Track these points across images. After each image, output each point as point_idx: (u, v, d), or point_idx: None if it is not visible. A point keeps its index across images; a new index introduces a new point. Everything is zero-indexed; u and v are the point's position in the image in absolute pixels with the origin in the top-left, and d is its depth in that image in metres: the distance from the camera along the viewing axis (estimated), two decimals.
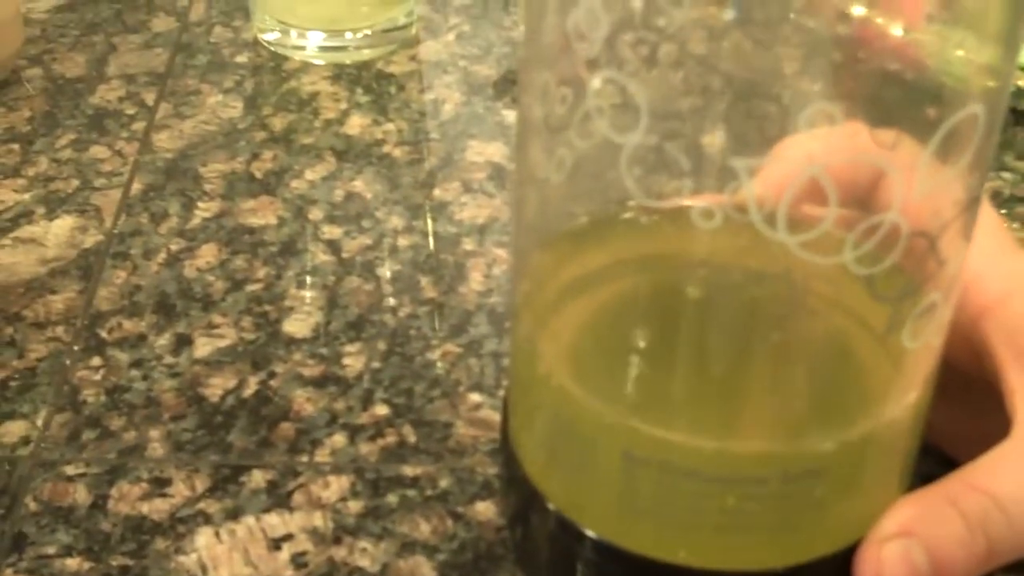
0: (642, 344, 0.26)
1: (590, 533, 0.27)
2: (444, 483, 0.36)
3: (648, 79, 0.22)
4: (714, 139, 0.23)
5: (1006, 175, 0.48)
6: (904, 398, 0.26)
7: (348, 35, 0.55)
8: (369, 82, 0.54)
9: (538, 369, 0.27)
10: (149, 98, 0.53)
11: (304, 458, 0.37)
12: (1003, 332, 0.29)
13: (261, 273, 0.44)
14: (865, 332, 0.26)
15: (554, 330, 0.28)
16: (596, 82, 0.23)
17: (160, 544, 0.34)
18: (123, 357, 0.40)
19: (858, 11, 0.23)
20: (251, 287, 0.43)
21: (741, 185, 0.22)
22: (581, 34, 0.22)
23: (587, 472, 0.27)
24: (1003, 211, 0.47)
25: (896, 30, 0.23)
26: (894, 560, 0.27)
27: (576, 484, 0.28)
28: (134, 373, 0.40)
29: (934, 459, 0.33)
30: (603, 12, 0.22)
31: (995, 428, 0.29)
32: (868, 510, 0.27)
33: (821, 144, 0.23)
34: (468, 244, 0.45)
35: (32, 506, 0.35)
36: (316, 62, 0.55)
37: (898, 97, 0.23)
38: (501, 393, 0.39)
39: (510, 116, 0.52)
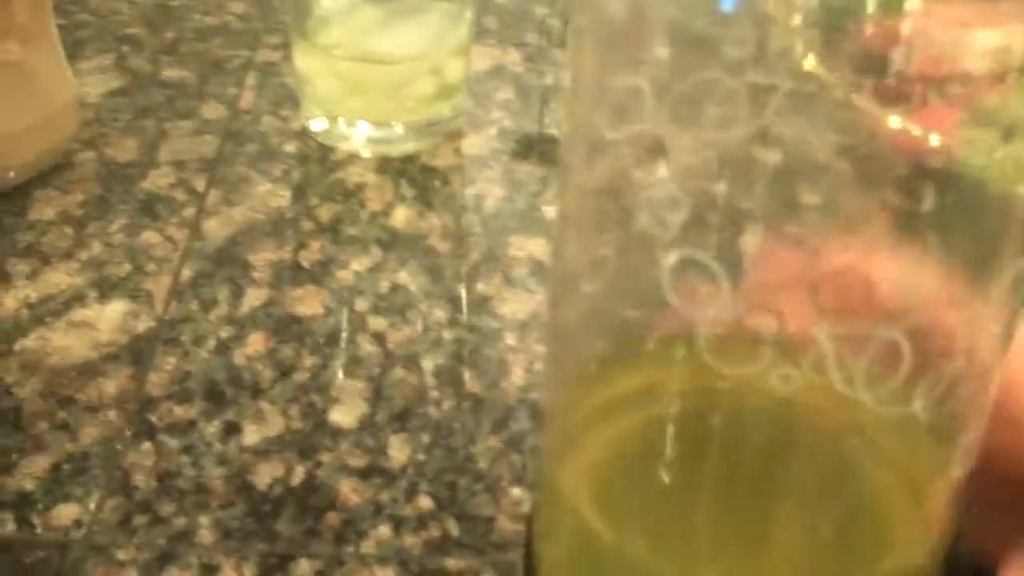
0: (669, 482, 0.25)
1: None
2: None
3: (729, 253, 0.22)
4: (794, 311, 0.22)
5: None
6: (939, 527, 0.26)
7: (394, 128, 0.56)
8: (414, 175, 0.55)
9: (561, 491, 0.27)
10: (199, 184, 0.54)
11: (350, 548, 0.38)
12: None
13: (308, 362, 0.45)
14: (914, 472, 0.26)
15: (580, 455, 0.27)
16: (672, 259, 0.22)
17: None
18: (173, 443, 0.41)
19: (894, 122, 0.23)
20: (298, 376, 0.44)
21: (824, 354, 0.22)
22: (659, 217, 0.22)
23: None
24: None
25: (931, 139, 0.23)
26: None
27: None
28: (184, 459, 0.41)
29: None
30: (682, 196, 0.22)
31: None
32: None
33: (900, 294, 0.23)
34: (510, 339, 0.46)
35: None
36: (363, 154, 0.56)
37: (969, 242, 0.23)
38: None
39: (551, 212, 0.53)
